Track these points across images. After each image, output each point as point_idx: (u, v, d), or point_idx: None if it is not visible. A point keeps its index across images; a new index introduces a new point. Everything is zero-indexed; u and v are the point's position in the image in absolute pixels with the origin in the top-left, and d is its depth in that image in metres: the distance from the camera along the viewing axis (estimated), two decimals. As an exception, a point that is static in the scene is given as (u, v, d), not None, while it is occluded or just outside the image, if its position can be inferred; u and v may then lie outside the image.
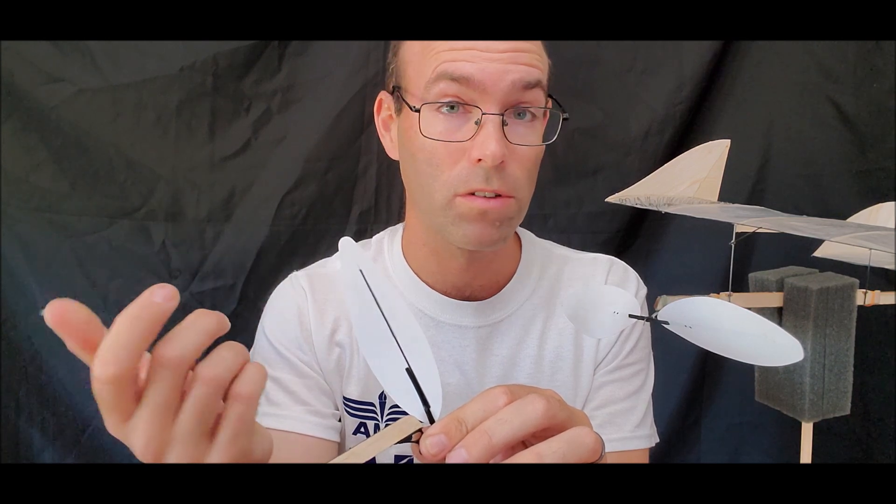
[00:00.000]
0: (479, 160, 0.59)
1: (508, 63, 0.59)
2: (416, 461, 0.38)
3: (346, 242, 0.38)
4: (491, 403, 0.38)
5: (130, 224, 1.05)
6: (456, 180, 0.60)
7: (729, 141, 0.77)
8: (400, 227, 0.76)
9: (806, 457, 0.68)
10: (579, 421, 0.40)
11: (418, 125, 0.61)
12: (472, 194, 0.60)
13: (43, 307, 0.31)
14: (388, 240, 0.76)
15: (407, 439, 0.37)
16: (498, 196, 0.60)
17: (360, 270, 0.37)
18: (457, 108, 0.60)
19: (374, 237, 0.77)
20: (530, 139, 0.62)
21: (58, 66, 1.01)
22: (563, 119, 0.65)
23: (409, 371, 0.37)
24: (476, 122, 0.59)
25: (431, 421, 0.38)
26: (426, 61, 0.62)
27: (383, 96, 0.70)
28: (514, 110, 0.61)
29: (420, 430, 0.38)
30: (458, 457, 0.36)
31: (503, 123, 0.59)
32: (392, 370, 0.38)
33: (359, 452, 0.36)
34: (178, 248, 1.07)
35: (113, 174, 1.04)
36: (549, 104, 0.66)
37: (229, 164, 1.07)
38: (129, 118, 1.03)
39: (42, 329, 1.14)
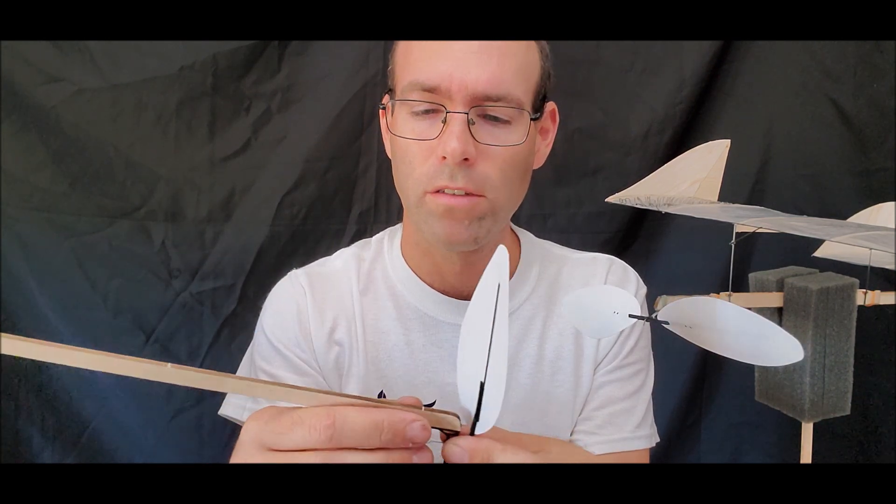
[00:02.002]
0: (444, 158, 0.59)
1: (475, 68, 0.59)
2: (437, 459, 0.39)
3: (501, 251, 0.40)
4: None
5: (130, 224, 1.05)
6: (425, 178, 0.61)
7: (729, 141, 0.77)
8: (399, 227, 0.76)
9: (806, 457, 0.68)
10: None
11: (388, 124, 0.62)
12: (442, 192, 0.61)
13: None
14: (388, 240, 0.76)
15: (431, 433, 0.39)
16: (466, 194, 0.61)
17: (499, 284, 0.39)
18: (430, 111, 0.62)
19: (374, 237, 0.77)
20: (503, 140, 0.62)
21: (58, 66, 1.01)
22: (532, 119, 0.64)
23: (482, 385, 0.39)
24: (443, 121, 0.60)
25: (471, 434, 0.39)
26: (405, 67, 0.63)
27: (386, 100, 0.71)
28: (480, 110, 0.61)
29: (456, 433, 0.39)
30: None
31: (470, 122, 0.60)
32: (470, 377, 0.39)
33: (390, 406, 0.37)
34: (178, 248, 1.07)
35: (113, 174, 1.04)
36: (550, 106, 0.66)
37: (229, 164, 1.07)
38: (129, 118, 1.03)
39: (42, 329, 1.15)
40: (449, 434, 0.39)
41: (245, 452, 0.37)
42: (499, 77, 0.60)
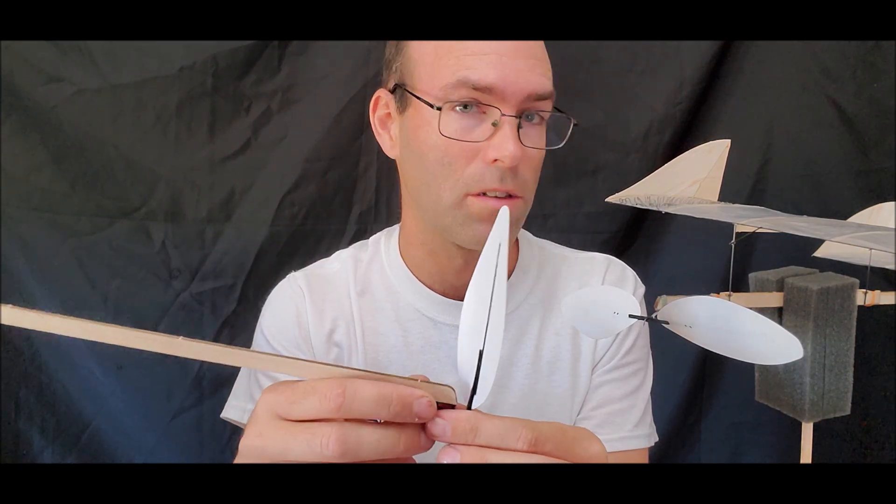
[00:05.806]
0: (496, 160, 0.59)
1: (527, 73, 0.60)
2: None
3: (504, 212, 0.40)
4: (511, 438, 0.36)
5: (130, 224, 1.05)
6: (469, 179, 0.61)
7: (729, 141, 0.77)
8: (396, 227, 0.76)
9: (806, 457, 0.68)
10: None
11: (437, 124, 0.60)
12: (484, 194, 0.61)
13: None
14: (385, 241, 0.75)
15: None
16: (509, 196, 0.61)
17: (500, 245, 0.38)
18: (471, 107, 0.60)
19: (370, 239, 0.77)
20: (539, 142, 0.63)
21: (58, 66, 1.01)
22: (574, 125, 0.66)
23: (481, 353, 0.38)
24: (493, 124, 0.60)
25: (468, 408, 0.38)
26: (443, 64, 0.61)
27: (381, 94, 0.70)
28: (525, 113, 0.61)
29: (452, 407, 0.38)
30: (449, 456, 0.36)
31: (519, 126, 0.60)
32: (470, 346, 0.39)
33: (393, 380, 0.36)
34: (178, 248, 1.07)
35: (113, 174, 1.04)
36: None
37: (229, 164, 1.07)
38: (129, 118, 1.03)
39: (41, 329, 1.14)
40: (444, 407, 0.37)
41: (258, 423, 0.37)
42: (543, 80, 0.61)
